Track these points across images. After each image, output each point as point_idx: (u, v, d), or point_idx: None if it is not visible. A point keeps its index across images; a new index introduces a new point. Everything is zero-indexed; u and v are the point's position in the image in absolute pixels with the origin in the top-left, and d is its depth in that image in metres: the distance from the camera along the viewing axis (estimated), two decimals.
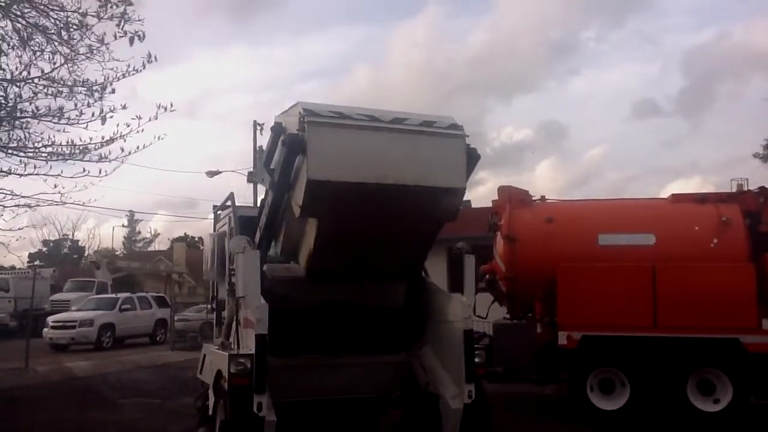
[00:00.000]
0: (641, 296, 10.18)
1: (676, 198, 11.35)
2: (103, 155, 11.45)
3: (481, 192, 66.18)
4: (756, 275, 10.05)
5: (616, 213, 11.52)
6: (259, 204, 7.84)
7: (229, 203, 8.50)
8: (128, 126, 11.03)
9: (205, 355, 8.78)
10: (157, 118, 10.99)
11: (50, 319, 25.07)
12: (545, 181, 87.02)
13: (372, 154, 6.50)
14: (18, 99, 11.16)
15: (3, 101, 11.18)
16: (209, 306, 13.02)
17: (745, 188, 11.41)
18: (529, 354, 11.98)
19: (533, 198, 11.86)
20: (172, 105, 11.12)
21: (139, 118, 10.93)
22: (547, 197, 12.02)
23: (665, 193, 11.68)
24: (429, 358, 7.77)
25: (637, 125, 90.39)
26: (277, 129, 7.00)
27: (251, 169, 29.50)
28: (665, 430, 9.49)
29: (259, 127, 30.23)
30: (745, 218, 10.74)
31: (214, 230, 9.21)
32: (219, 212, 9.23)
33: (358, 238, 6.92)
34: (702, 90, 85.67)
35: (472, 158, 7.02)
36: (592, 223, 11.15)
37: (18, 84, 10.97)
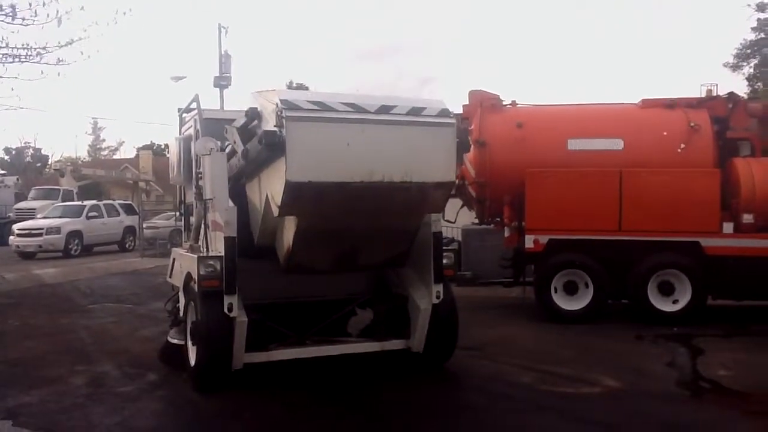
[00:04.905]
0: (607, 200, 10.33)
1: (646, 103, 11.32)
2: (60, 58, 11.02)
3: None
4: (720, 180, 10.24)
5: (585, 118, 11.48)
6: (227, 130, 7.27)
7: (194, 105, 8.25)
8: (85, 31, 10.58)
9: (174, 259, 8.75)
10: (116, 23, 10.54)
11: (16, 226, 24.80)
12: None
13: (357, 151, 6.08)
14: None
15: None
16: (177, 213, 12.92)
17: (715, 94, 11.43)
18: (496, 258, 12.26)
19: (504, 103, 11.75)
20: (131, 10, 10.66)
21: (97, 24, 10.48)
22: (518, 102, 11.92)
23: (635, 99, 11.62)
24: None
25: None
26: (252, 114, 6.57)
27: (217, 75, 28.81)
28: (625, 330, 9.83)
29: (223, 30, 29.21)
30: (713, 124, 10.82)
31: (180, 134, 8.98)
32: (184, 115, 8.97)
33: (341, 235, 6.63)
34: None
35: (462, 146, 6.80)
36: (562, 128, 11.13)
37: None
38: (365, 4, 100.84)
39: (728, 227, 10.09)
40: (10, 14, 10.62)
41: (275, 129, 5.96)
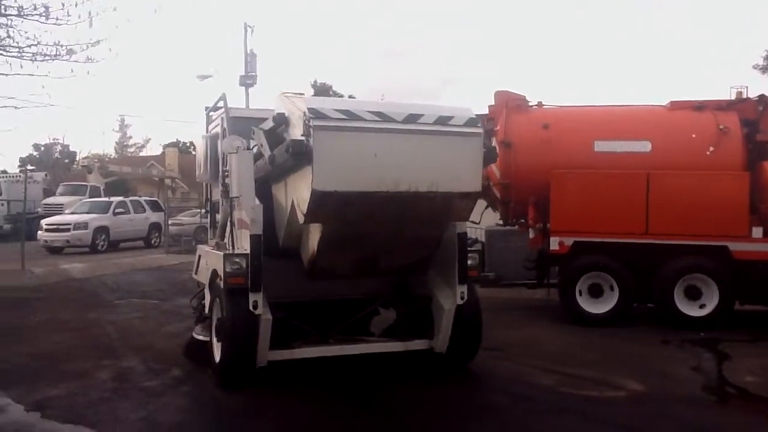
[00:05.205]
0: (634, 203, 10.23)
1: (674, 105, 11.19)
2: (89, 57, 11.21)
3: None
4: (750, 184, 10.09)
5: (612, 119, 11.37)
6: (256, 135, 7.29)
7: (221, 104, 8.33)
8: (117, 27, 10.79)
9: (200, 256, 8.81)
10: (146, 22, 10.71)
11: (44, 221, 25.15)
12: None
13: (383, 160, 6.07)
14: None
15: None
16: (203, 210, 13.04)
17: (744, 96, 11.26)
18: (520, 260, 12.19)
19: (530, 104, 11.69)
20: (161, 7, 10.83)
21: (129, 21, 10.69)
22: (544, 103, 11.85)
23: (662, 101, 11.50)
24: None
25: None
26: (279, 119, 6.60)
27: (243, 73, 29.00)
28: (651, 334, 9.73)
29: (249, 29, 29.37)
30: (743, 127, 10.66)
31: (207, 132, 9.07)
32: (211, 113, 9.06)
33: (364, 242, 6.67)
34: None
35: (489, 156, 6.79)
36: (589, 130, 11.04)
37: None
38: (389, 4, 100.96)
39: (757, 232, 9.94)
40: (44, 14, 10.83)
41: (302, 138, 5.98)
